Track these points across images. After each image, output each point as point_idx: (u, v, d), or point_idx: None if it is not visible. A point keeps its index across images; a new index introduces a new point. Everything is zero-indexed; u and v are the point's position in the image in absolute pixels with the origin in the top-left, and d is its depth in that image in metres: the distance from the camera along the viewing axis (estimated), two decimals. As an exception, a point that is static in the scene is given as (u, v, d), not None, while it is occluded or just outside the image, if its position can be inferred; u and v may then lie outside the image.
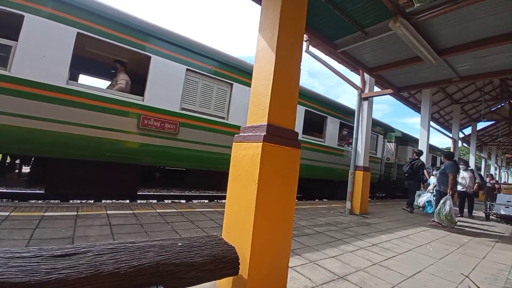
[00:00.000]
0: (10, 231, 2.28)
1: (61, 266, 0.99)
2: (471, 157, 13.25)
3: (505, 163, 25.12)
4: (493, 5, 3.33)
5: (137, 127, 4.33)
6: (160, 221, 3.19)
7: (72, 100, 3.78)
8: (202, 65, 5.03)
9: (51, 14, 3.61)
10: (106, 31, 4.01)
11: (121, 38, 4.15)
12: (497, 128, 13.87)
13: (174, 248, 1.30)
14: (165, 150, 4.64)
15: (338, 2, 3.58)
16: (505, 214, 6.50)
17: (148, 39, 4.41)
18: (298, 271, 2.16)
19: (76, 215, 3.01)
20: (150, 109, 4.45)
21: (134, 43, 4.27)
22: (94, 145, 3.98)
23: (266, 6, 1.82)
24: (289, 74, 1.75)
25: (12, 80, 3.37)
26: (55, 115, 3.66)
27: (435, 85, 6.24)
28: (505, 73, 5.17)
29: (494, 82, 9.02)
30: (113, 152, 4.18)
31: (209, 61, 5.11)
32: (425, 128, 7.93)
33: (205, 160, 5.13)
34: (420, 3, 3.19)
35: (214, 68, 5.16)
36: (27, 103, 3.47)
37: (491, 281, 2.39)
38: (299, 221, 4.01)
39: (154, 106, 4.48)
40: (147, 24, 4.45)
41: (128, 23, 4.22)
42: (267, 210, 1.57)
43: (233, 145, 1.80)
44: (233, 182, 1.76)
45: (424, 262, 2.77)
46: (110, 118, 4.10)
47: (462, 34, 4.03)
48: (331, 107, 7.93)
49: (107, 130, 4.08)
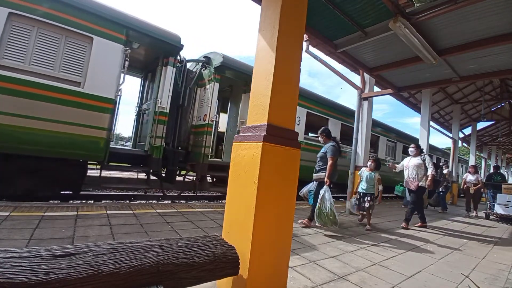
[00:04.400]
0: (10, 231, 2.27)
1: (61, 266, 0.99)
2: (471, 157, 13.25)
3: (505, 163, 25.10)
4: (493, 5, 3.33)
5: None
6: (160, 221, 3.19)
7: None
8: (39, 8, 3.58)
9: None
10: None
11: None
12: (497, 128, 13.85)
13: (174, 248, 1.30)
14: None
15: (338, 2, 3.58)
16: (505, 214, 6.49)
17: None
18: (298, 271, 2.16)
19: (76, 215, 3.01)
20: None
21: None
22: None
23: (266, 6, 1.82)
24: (289, 74, 1.75)
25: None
26: None
27: (435, 85, 6.25)
28: (505, 73, 5.17)
29: (494, 82, 9.02)
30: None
31: (51, 3, 3.66)
32: (425, 128, 7.93)
33: (39, 143, 3.60)
34: (420, 3, 3.19)
35: (60, 14, 3.72)
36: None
37: (491, 281, 2.39)
38: (299, 221, 4.00)
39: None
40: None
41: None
42: (267, 210, 1.57)
43: (233, 145, 1.81)
44: (233, 182, 1.76)
45: (424, 262, 2.77)
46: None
47: (462, 34, 4.03)
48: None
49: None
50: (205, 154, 5.44)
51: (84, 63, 3.97)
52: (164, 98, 5.00)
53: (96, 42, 4.02)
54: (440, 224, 5.38)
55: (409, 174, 4.68)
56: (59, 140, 3.74)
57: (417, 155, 4.76)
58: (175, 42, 4.96)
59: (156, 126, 4.94)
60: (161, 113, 4.98)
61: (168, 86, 5.05)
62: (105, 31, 4.13)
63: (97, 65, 4.05)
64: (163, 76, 5.09)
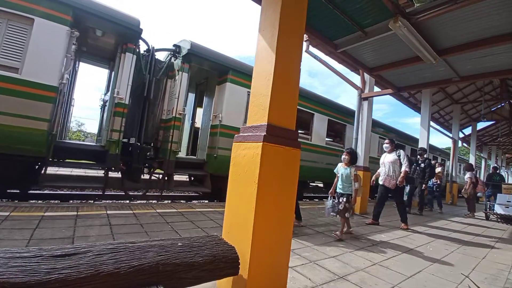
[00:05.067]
0: (10, 231, 2.28)
1: (61, 266, 0.99)
2: (471, 157, 13.25)
3: (505, 163, 25.11)
4: (493, 5, 3.33)
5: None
6: (160, 221, 3.19)
7: None
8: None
9: None
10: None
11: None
12: (497, 128, 13.86)
13: (174, 248, 1.30)
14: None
15: (338, 2, 3.58)
16: (505, 214, 6.48)
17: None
18: (298, 271, 2.16)
19: (76, 215, 3.01)
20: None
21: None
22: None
23: (266, 6, 1.82)
24: (289, 74, 1.75)
25: None
26: None
27: (435, 85, 6.25)
28: (505, 73, 5.18)
29: (494, 82, 9.02)
30: None
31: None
32: (425, 128, 7.93)
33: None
34: (420, 3, 3.19)
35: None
36: None
37: (491, 281, 2.39)
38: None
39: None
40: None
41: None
42: (267, 210, 1.57)
43: (233, 145, 1.81)
44: (233, 182, 1.76)
45: (424, 262, 2.77)
46: None
47: (462, 34, 4.03)
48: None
49: None
50: (172, 150, 5.07)
51: (24, 47, 3.59)
52: (122, 88, 4.52)
53: (37, 24, 3.64)
54: (440, 224, 5.38)
55: (386, 171, 4.51)
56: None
57: (392, 151, 4.57)
58: (131, 25, 4.43)
59: (113, 119, 4.48)
60: (119, 105, 4.51)
61: (127, 75, 4.56)
62: (47, 11, 3.72)
63: (38, 49, 3.65)
64: (121, 64, 4.58)
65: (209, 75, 6.33)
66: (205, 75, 6.45)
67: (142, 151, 5.03)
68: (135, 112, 5.01)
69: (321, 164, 7.57)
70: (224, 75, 5.74)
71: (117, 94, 4.48)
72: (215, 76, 5.97)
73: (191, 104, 7.22)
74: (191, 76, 5.50)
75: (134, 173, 5.10)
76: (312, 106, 7.35)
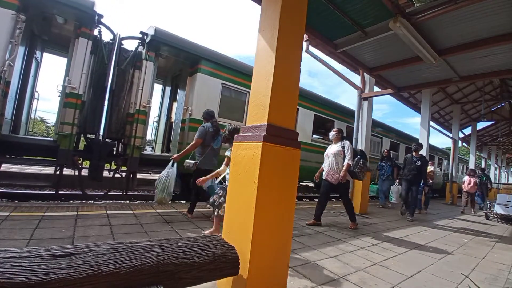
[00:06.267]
0: (10, 231, 2.28)
1: (61, 266, 0.99)
2: (471, 157, 13.25)
3: (505, 163, 25.12)
4: (493, 5, 3.34)
5: None
6: (160, 221, 3.19)
7: None
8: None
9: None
10: None
11: None
12: (497, 128, 13.86)
13: (174, 248, 1.30)
14: None
15: (338, 2, 3.58)
16: (505, 214, 6.48)
17: None
18: (298, 271, 2.16)
19: (76, 215, 3.01)
20: None
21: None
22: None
23: (266, 6, 1.82)
24: (289, 74, 1.74)
25: None
26: None
27: (435, 85, 6.26)
28: (505, 73, 5.18)
29: (494, 82, 9.03)
30: None
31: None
32: (425, 128, 7.93)
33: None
34: (420, 3, 3.19)
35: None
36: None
37: (491, 281, 2.39)
38: (299, 221, 4.01)
39: None
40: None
41: None
42: (267, 210, 1.57)
43: (233, 145, 1.81)
44: (233, 182, 1.76)
45: (424, 262, 2.77)
46: None
47: (462, 34, 4.03)
48: None
49: None
50: (135, 146, 4.69)
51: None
52: (75, 77, 4.12)
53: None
54: (440, 224, 5.38)
55: (330, 164, 3.99)
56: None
57: (338, 141, 4.06)
58: (82, 6, 4.05)
59: (64, 110, 4.09)
60: (72, 95, 4.10)
61: (80, 62, 4.16)
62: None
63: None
64: (74, 50, 4.18)
65: (183, 66, 5.92)
66: (180, 66, 6.05)
67: (104, 147, 4.63)
68: (96, 104, 4.66)
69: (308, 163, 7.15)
70: (195, 65, 5.36)
71: (68, 83, 4.07)
72: (188, 67, 5.62)
73: (167, 98, 6.81)
74: (166, 68, 5.07)
75: (94, 171, 4.63)
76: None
